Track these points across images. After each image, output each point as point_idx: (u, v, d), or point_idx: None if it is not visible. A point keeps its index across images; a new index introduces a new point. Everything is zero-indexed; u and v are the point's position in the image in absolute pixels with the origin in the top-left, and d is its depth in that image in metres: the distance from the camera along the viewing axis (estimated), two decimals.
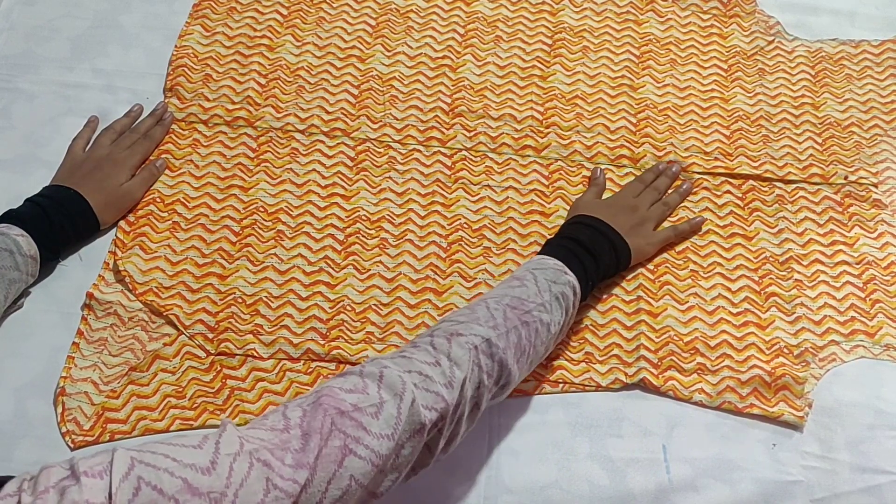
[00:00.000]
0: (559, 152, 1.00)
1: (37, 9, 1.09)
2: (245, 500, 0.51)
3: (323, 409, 0.58)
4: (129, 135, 0.97)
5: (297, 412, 0.58)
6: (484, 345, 0.68)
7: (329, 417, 0.57)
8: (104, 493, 0.46)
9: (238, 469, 0.51)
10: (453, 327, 0.69)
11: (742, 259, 0.93)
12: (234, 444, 0.53)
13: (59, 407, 0.79)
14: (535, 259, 0.81)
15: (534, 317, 0.73)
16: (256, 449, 0.53)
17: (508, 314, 0.72)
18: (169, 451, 0.51)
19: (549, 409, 0.82)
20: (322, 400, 0.58)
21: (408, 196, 0.96)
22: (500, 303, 0.72)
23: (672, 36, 1.11)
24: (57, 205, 0.87)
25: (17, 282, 0.82)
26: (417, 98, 1.03)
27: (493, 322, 0.70)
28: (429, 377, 0.63)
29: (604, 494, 0.77)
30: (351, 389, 0.60)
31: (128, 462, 0.48)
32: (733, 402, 0.83)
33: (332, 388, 0.60)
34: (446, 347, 0.66)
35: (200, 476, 0.50)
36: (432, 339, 0.67)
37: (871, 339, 0.88)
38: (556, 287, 0.77)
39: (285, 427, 0.56)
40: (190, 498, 0.49)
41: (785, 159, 1.00)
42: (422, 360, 0.64)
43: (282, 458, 0.53)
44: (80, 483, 0.46)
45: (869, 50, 1.11)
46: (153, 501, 0.47)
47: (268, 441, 0.54)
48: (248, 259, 0.90)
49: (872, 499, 0.78)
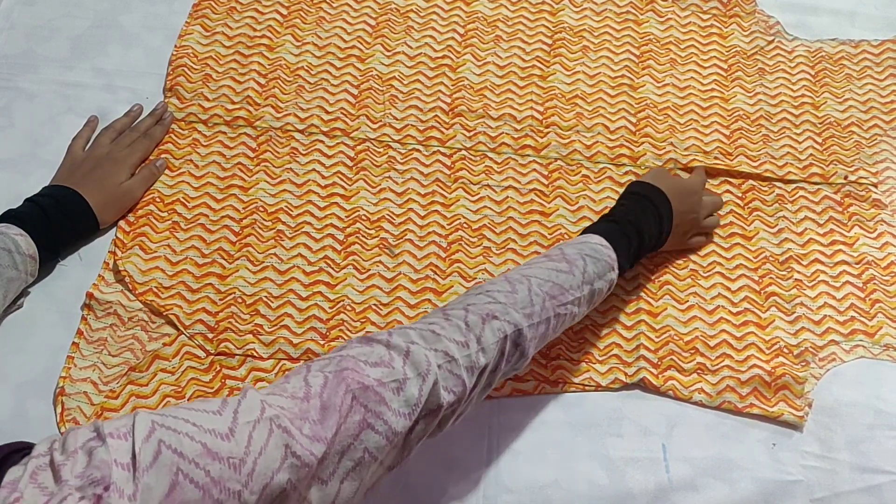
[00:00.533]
0: (559, 152, 1.00)
1: (37, 8, 1.09)
2: (264, 466, 0.52)
3: (346, 383, 0.58)
4: (128, 134, 0.97)
5: (318, 379, 0.58)
6: (514, 333, 0.68)
7: (350, 393, 0.57)
8: (129, 453, 0.48)
9: (258, 437, 0.52)
10: (491, 307, 0.67)
11: (742, 259, 0.93)
12: (254, 411, 0.54)
13: (59, 407, 0.79)
14: (592, 240, 0.78)
15: (567, 309, 0.72)
16: (277, 416, 0.54)
17: (547, 304, 0.71)
18: (189, 416, 0.52)
19: (549, 409, 0.82)
20: (345, 373, 0.58)
21: (407, 196, 0.96)
22: (542, 287, 0.71)
23: (672, 36, 1.11)
24: (56, 204, 0.86)
25: (15, 281, 0.82)
26: (417, 98, 1.03)
27: (531, 309, 0.69)
28: (454, 359, 0.63)
29: (603, 494, 0.77)
30: (376, 363, 0.60)
31: (149, 425, 0.50)
32: (733, 402, 0.83)
33: (356, 361, 0.60)
34: (479, 330, 0.65)
35: (220, 441, 0.51)
36: (467, 315, 0.66)
37: (870, 339, 0.88)
38: (598, 283, 0.76)
39: (305, 395, 0.56)
40: (210, 462, 0.50)
41: (785, 159, 1.00)
42: (451, 337, 0.64)
43: (300, 427, 0.54)
44: (107, 444, 0.48)
45: (869, 50, 1.11)
46: (174, 463, 0.49)
47: (288, 410, 0.55)
48: (247, 259, 0.90)
49: (872, 499, 0.78)
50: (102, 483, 0.46)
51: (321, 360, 0.61)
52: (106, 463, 0.47)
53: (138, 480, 0.47)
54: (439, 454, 0.79)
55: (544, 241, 0.93)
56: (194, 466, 0.49)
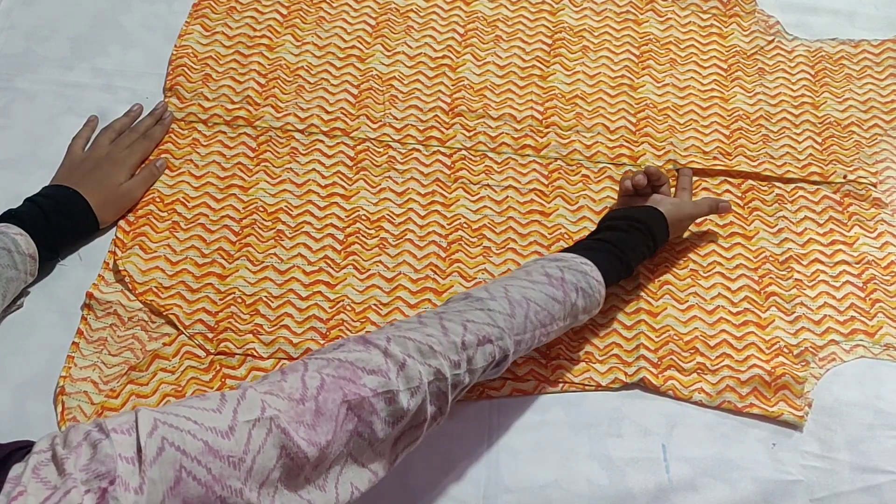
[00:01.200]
0: (559, 152, 1.00)
1: (37, 8, 1.09)
2: (262, 465, 0.53)
3: (343, 392, 0.59)
4: (128, 134, 0.97)
5: (315, 380, 0.59)
6: (501, 356, 0.70)
7: (347, 403, 0.58)
8: (133, 448, 0.49)
9: (256, 436, 0.53)
10: (489, 330, 0.68)
11: (742, 259, 0.93)
12: (254, 410, 0.55)
13: (59, 406, 0.79)
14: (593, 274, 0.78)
15: (546, 335, 0.75)
16: (276, 416, 0.55)
17: (536, 332, 0.73)
18: (190, 414, 0.53)
19: (549, 409, 0.82)
20: (342, 382, 0.59)
21: (407, 196, 0.96)
22: (537, 316, 0.73)
23: (672, 36, 1.11)
24: (56, 204, 0.86)
25: (14, 280, 0.81)
26: (417, 98, 1.03)
27: (522, 336, 0.71)
28: (444, 378, 0.64)
29: (603, 494, 0.77)
30: (373, 370, 0.61)
31: (151, 422, 0.50)
32: (733, 402, 0.83)
33: (354, 368, 0.60)
34: (472, 351, 0.67)
35: (220, 440, 0.52)
36: (465, 333, 0.67)
37: (870, 339, 0.88)
38: (581, 317, 0.78)
39: (301, 398, 0.57)
40: (212, 460, 0.51)
41: (784, 159, 1.00)
42: (445, 355, 0.65)
43: (296, 429, 0.55)
44: (111, 438, 0.49)
45: (869, 50, 1.11)
46: (177, 460, 0.50)
47: (285, 411, 0.56)
48: (247, 259, 0.90)
49: (872, 498, 0.78)
50: (108, 477, 0.47)
51: (319, 357, 0.61)
52: (111, 457, 0.48)
53: (144, 473, 0.48)
54: (439, 454, 0.79)
55: (544, 240, 0.93)
56: (196, 464, 0.50)
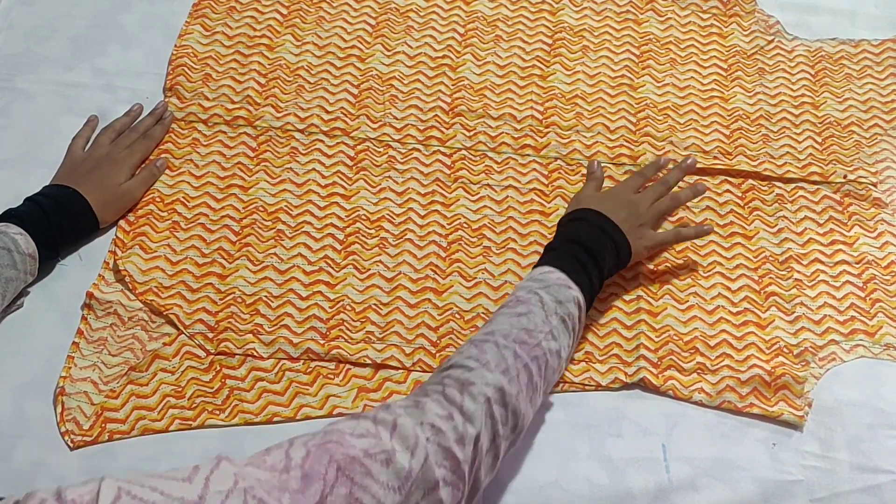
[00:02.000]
0: (559, 152, 1.00)
1: (36, 8, 1.09)
2: None
3: (329, 453, 0.55)
4: (128, 134, 0.97)
5: (300, 451, 0.55)
6: (496, 395, 0.66)
7: (335, 463, 0.55)
8: None
9: None
10: (464, 375, 0.66)
11: (742, 258, 0.93)
12: (227, 481, 0.50)
13: (59, 406, 0.79)
14: (537, 273, 0.78)
15: (542, 349, 0.71)
16: (252, 487, 0.51)
17: (518, 352, 0.69)
18: (157, 484, 0.49)
19: (549, 409, 0.82)
20: (329, 446, 0.56)
21: (407, 195, 0.96)
22: (508, 338, 0.70)
23: (672, 35, 1.11)
24: (56, 204, 0.86)
25: (14, 280, 0.81)
26: (417, 97, 1.03)
27: (504, 365, 0.68)
28: (441, 431, 0.61)
29: (603, 494, 0.77)
30: (362, 434, 0.58)
31: (114, 492, 0.47)
32: (733, 402, 0.83)
33: (341, 433, 0.58)
34: (459, 400, 0.64)
35: None
36: (444, 388, 0.65)
37: (870, 339, 0.88)
38: (562, 308, 0.75)
39: (285, 467, 0.54)
40: None
41: (784, 158, 1.00)
42: (434, 411, 0.62)
43: (279, 498, 0.51)
44: None
45: (869, 49, 1.11)
46: None
47: (265, 481, 0.52)
48: (247, 259, 0.90)
49: (872, 498, 0.78)
50: None
51: (304, 435, 0.58)
52: None
53: None
54: None
55: (544, 240, 0.93)
56: None
